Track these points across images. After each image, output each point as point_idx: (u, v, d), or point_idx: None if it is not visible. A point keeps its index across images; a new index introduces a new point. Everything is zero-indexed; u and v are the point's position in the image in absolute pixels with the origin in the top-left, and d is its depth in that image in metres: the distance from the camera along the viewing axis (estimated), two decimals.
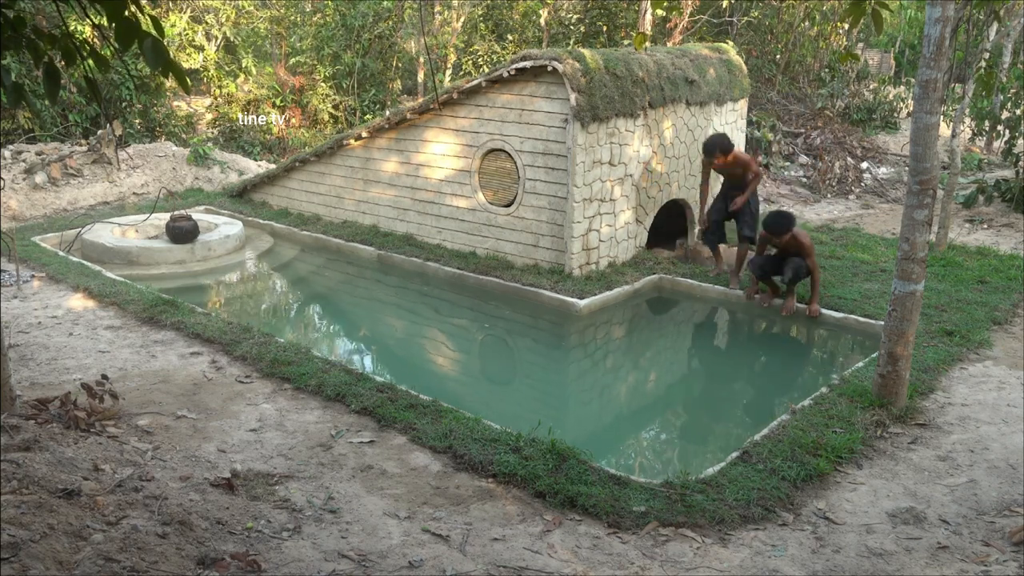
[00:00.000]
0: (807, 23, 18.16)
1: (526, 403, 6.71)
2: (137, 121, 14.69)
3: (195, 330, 6.98)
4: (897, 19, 20.35)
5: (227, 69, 16.96)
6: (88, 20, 3.01)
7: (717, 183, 9.72)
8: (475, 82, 9.08)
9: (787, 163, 15.23)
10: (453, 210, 9.77)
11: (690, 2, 15.83)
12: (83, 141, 13.23)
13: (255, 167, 13.78)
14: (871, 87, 19.88)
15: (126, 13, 2.79)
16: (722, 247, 9.12)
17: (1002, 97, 13.45)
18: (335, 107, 17.05)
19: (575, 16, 19.02)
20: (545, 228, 9.01)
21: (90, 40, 11.00)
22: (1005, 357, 6.84)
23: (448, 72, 18.28)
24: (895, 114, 19.30)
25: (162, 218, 10.11)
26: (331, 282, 9.61)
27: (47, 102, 12.93)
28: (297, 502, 4.52)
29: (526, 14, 19.21)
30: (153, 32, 2.85)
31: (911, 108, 7.54)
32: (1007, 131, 14.25)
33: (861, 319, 7.69)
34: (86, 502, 3.78)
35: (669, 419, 6.60)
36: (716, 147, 8.51)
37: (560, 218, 8.82)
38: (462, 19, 18.76)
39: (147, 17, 2.94)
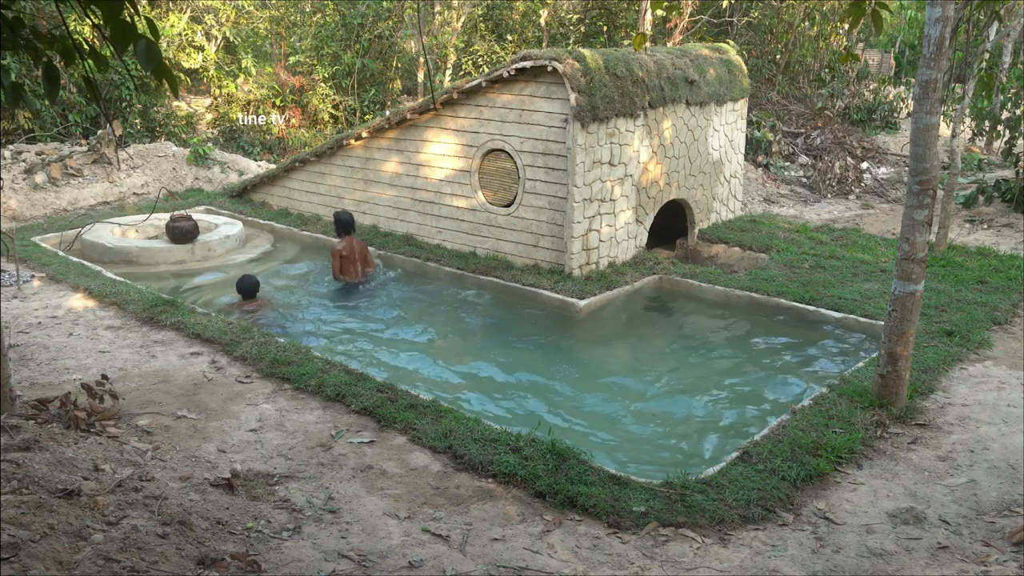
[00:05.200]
0: (807, 23, 18.16)
1: (526, 403, 6.70)
2: (137, 121, 14.68)
3: (195, 330, 6.98)
4: (897, 19, 20.35)
5: (227, 69, 16.96)
6: (88, 20, 3.00)
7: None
8: (475, 82, 9.08)
9: (787, 163, 15.23)
10: (453, 210, 9.77)
11: (690, 2, 15.83)
12: (83, 141, 13.23)
13: (255, 167, 13.78)
14: (871, 87, 19.89)
15: (122, 16, 2.79)
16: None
17: (1002, 97, 13.44)
18: (335, 107, 17.05)
19: (575, 16, 19.02)
20: (545, 228, 9.01)
21: (90, 40, 11.01)
22: (1005, 357, 6.84)
23: (448, 72, 18.28)
24: (895, 114, 19.31)
25: (162, 218, 10.11)
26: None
27: (47, 102, 12.93)
28: (297, 502, 4.52)
29: (526, 14, 19.22)
30: (148, 35, 2.84)
31: (911, 108, 7.54)
32: (1007, 131, 14.26)
33: (861, 319, 7.69)
34: (86, 502, 3.78)
35: (670, 419, 6.59)
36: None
37: (560, 218, 8.83)
38: (462, 19, 18.76)
39: (143, 20, 2.94)
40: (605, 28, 18.38)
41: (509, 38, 19.24)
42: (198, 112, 17.18)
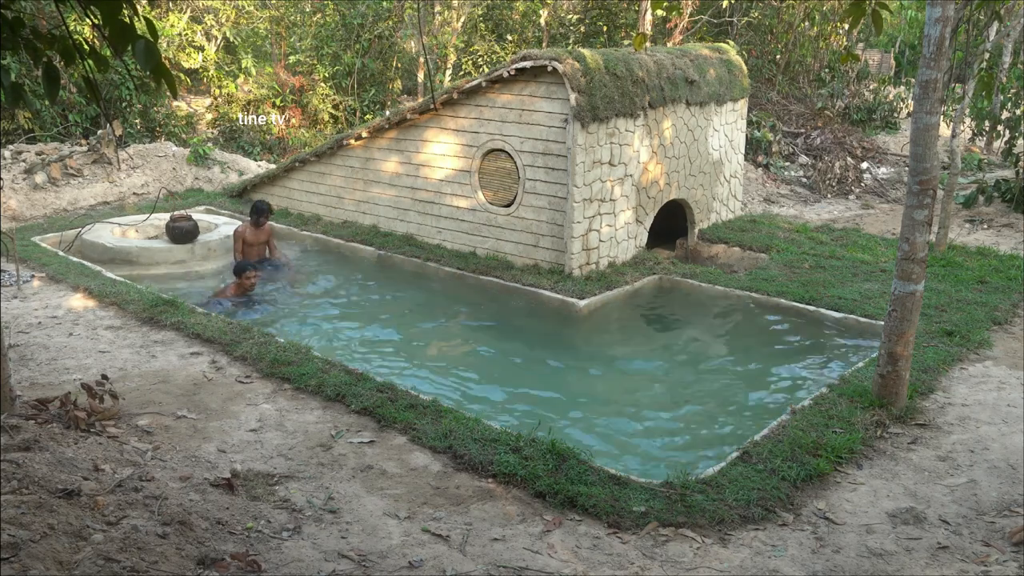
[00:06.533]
0: (807, 23, 18.16)
1: (525, 403, 6.70)
2: (137, 121, 14.68)
3: (195, 330, 6.98)
4: (897, 19, 20.35)
5: (227, 69, 16.95)
6: (88, 20, 3.00)
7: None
8: (475, 82, 9.08)
9: (787, 163, 15.23)
10: (453, 210, 9.77)
11: (690, 2, 15.83)
12: (83, 141, 13.23)
13: (255, 167, 13.77)
14: (871, 87, 19.88)
15: (120, 16, 2.78)
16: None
17: (1002, 97, 13.44)
18: (335, 107, 17.04)
19: (575, 16, 19.02)
20: (545, 228, 9.01)
21: (90, 40, 11.01)
22: (1005, 357, 6.84)
23: (448, 72, 18.28)
24: (895, 114, 19.30)
25: (162, 218, 10.10)
26: (331, 282, 9.61)
27: (47, 102, 12.92)
28: (297, 502, 4.52)
29: (526, 14, 19.21)
30: (147, 35, 2.83)
31: (911, 108, 7.55)
32: (1007, 131, 14.26)
33: (861, 319, 7.69)
34: (86, 502, 3.78)
35: (670, 419, 6.59)
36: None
37: (560, 218, 8.83)
38: (462, 19, 18.76)
39: (142, 20, 2.94)
40: (605, 28, 18.38)
41: (509, 38, 19.23)
42: (198, 112, 17.17)
